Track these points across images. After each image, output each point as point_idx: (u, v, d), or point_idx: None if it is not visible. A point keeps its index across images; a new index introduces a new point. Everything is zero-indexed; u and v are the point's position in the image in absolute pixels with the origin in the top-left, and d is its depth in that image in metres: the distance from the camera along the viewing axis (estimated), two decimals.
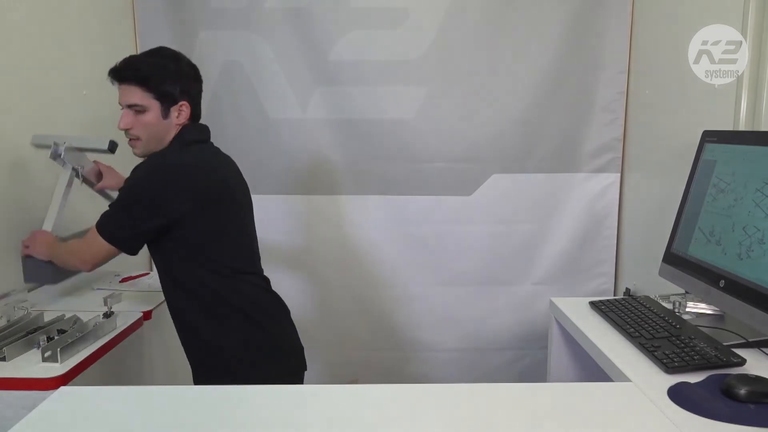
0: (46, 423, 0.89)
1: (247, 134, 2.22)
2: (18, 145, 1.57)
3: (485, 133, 2.24)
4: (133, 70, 1.34)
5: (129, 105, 1.34)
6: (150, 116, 1.34)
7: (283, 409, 0.94)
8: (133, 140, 1.37)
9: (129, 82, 1.33)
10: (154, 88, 1.34)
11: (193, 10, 2.16)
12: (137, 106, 1.34)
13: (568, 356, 1.59)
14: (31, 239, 1.48)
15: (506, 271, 2.33)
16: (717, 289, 1.27)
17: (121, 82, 1.34)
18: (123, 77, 1.34)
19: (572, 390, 1.06)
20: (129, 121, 1.34)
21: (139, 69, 1.35)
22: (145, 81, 1.33)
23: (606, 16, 2.16)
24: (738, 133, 1.51)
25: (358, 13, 2.16)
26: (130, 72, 1.34)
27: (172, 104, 1.36)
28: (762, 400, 0.95)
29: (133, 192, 1.32)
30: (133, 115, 1.34)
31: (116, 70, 1.34)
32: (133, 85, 1.33)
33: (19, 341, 1.20)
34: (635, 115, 2.19)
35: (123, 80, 1.34)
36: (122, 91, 1.35)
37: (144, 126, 1.35)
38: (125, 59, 1.37)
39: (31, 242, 1.47)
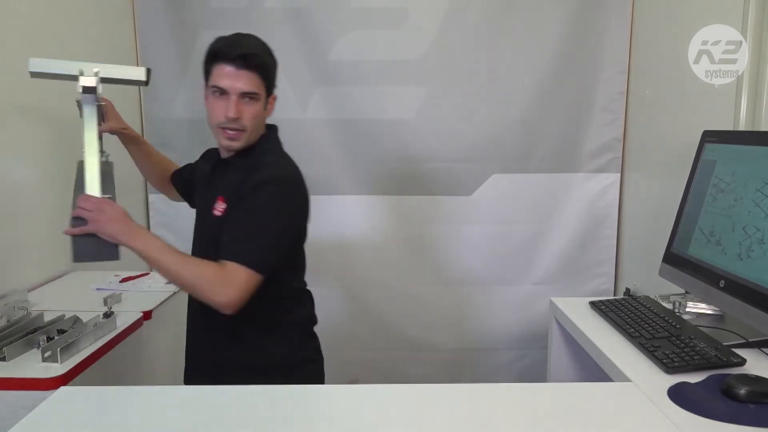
0: (46, 423, 0.89)
1: None
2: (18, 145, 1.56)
3: (485, 133, 2.24)
4: (259, 57, 1.24)
5: (244, 93, 1.22)
6: (259, 106, 1.26)
7: (284, 409, 0.94)
8: (237, 131, 1.24)
9: (252, 69, 1.22)
10: (267, 78, 1.26)
11: (193, 10, 2.16)
12: (253, 95, 1.23)
13: (568, 356, 1.59)
14: (97, 213, 1.18)
15: (506, 271, 2.33)
16: (717, 289, 1.27)
17: (241, 67, 1.21)
18: (249, 64, 1.22)
19: (572, 390, 1.06)
20: (240, 109, 1.22)
21: (262, 56, 1.25)
22: (266, 70, 1.25)
23: (606, 16, 2.16)
24: (738, 133, 1.51)
25: (358, 13, 2.16)
26: (258, 59, 1.24)
27: (269, 95, 1.29)
28: (762, 400, 0.95)
29: (268, 211, 1.21)
30: (243, 104, 1.23)
31: (243, 55, 1.21)
32: (254, 72, 1.22)
33: (19, 341, 1.20)
34: (635, 115, 2.19)
35: (246, 66, 1.21)
36: (237, 76, 1.21)
37: (253, 116, 1.25)
38: (241, 41, 1.25)
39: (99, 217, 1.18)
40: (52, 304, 1.48)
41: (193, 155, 2.24)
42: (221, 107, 1.22)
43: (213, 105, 1.25)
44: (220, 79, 1.22)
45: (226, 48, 1.23)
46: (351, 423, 0.89)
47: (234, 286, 1.14)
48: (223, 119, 1.23)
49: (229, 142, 1.26)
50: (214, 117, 1.25)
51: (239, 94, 1.22)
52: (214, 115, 1.25)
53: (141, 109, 2.23)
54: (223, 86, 1.22)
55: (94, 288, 1.64)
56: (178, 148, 2.25)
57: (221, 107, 1.22)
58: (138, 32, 2.18)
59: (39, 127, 1.65)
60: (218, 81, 1.22)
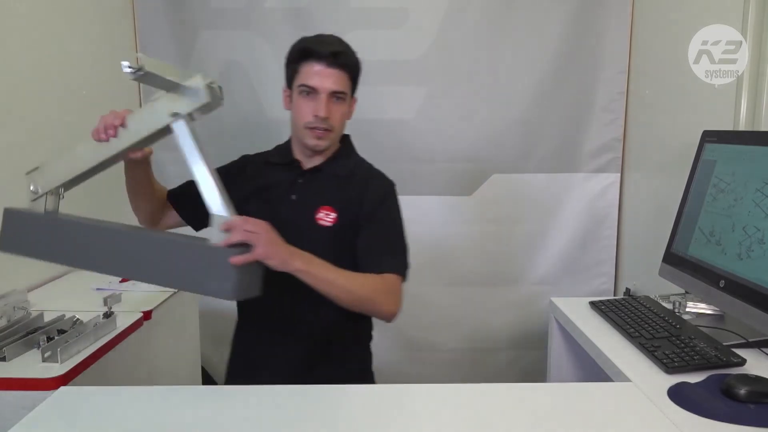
0: (46, 423, 0.89)
1: (246, 134, 2.22)
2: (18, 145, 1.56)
3: (485, 133, 2.24)
4: (351, 58, 1.23)
5: (334, 92, 1.21)
6: (346, 107, 1.25)
7: (284, 408, 0.94)
8: (325, 130, 1.22)
9: (342, 67, 1.21)
10: (354, 78, 1.26)
11: (193, 10, 2.16)
12: (341, 94, 1.22)
13: (567, 356, 1.59)
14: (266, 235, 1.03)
15: (506, 271, 2.33)
16: (717, 289, 1.27)
17: (332, 66, 1.20)
18: (339, 62, 1.20)
19: (572, 390, 1.06)
20: (330, 108, 1.20)
21: (353, 57, 1.24)
22: (355, 69, 1.25)
23: (606, 16, 2.16)
24: (738, 133, 1.51)
25: (358, 13, 2.16)
26: (350, 58, 1.23)
27: (352, 96, 1.28)
28: (762, 400, 0.95)
29: (399, 219, 1.29)
30: (331, 103, 1.21)
31: (334, 53, 1.20)
32: (344, 71, 1.22)
33: (19, 341, 1.20)
34: (635, 115, 2.19)
35: (337, 65, 1.20)
36: (328, 75, 1.20)
37: (341, 116, 1.24)
38: (330, 40, 1.23)
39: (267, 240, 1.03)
40: (52, 304, 1.48)
41: None
42: (309, 106, 1.21)
43: (300, 105, 1.22)
44: (310, 77, 1.20)
45: (317, 46, 1.20)
46: (351, 423, 0.89)
47: (397, 295, 1.20)
48: (311, 119, 1.21)
49: (316, 141, 1.23)
50: (301, 117, 1.23)
51: (329, 93, 1.20)
52: (301, 114, 1.22)
53: None
54: (313, 85, 1.19)
55: (94, 288, 1.64)
56: (177, 148, 2.24)
57: (309, 106, 1.21)
58: (138, 32, 2.18)
59: (39, 127, 1.65)
60: (307, 80, 1.20)
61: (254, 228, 1.02)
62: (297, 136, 1.28)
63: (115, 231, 1.13)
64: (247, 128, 2.22)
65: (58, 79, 1.74)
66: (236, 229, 1.00)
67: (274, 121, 2.23)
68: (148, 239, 1.14)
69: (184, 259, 1.05)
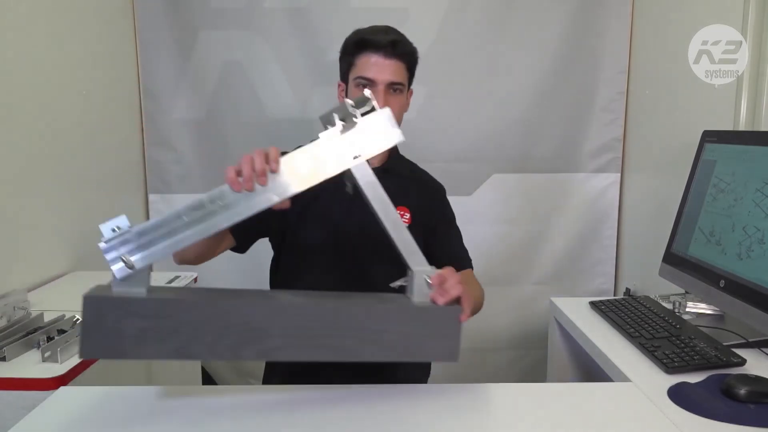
0: (46, 423, 0.89)
1: (246, 134, 2.22)
2: (18, 145, 1.56)
3: (485, 133, 2.24)
4: (409, 46, 1.19)
5: (392, 83, 1.16)
6: (404, 98, 1.21)
7: (284, 408, 0.94)
8: None
9: (400, 57, 1.17)
10: (412, 69, 1.21)
11: (193, 10, 2.16)
12: (399, 85, 1.18)
13: (568, 356, 1.59)
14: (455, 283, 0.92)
15: (506, 271, 2.33)
16: (717, 289, 1.27)
17: (390, 56, 1.15)
18: (398, 51, 1.16)
19: (572, 390, 1.06)
20: (388, 100, 1.15)
21: (411, 46, 1.19)
22: (413, 59, 1.20)
23: (606, 16, 2.16)
24: (738, 133, 1.51)
25: (358, 13, 2.15)
26: (408, 47, 1.19)
27: (409, 88, 1.23)
28: (762, 400, 0.95)
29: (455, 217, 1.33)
30: (390, 95, 1.17)
31: (393, 42, 1.15)
32: (402, 61, 1.17)
33: (19, 341, 1.20)
34: (635, 115, 2.19)
35: (395, 55, 1.16)
36: (386, 65, 1.15)
37: (399, 108, 1.19)
38: (386, 29, 1.20)
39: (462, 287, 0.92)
40: (52, 304, 1.48)
41: (193, 155, 2.27)
42: None
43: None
44: (367, 69, 1.16)
45: (374, 36, 1.16)
46: (350, 422, 0.89)
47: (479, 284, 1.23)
48: None
49: None
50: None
51: (386, 85, 1.16)
52: None
53: (141, 109, 2.23)
54: (370, 76, 1.15)
55: None
56: (177, 148, 2.25)
57: None
58: (138, 32, 2.18)
59: (39, 127, 1.65)
60: (364, 71, 1.16)
61: (459, 277, 0.93)
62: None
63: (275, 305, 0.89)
64: (247, 128, 2.22)
65: (57, 79, 1.74)
66: (451, 283, 0.91)
67: (274, 121, 2.23)
68: (329, 310, 0.89)
69: (395, 325, 0.90)
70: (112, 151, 2.06)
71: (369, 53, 1.16)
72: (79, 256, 1.79)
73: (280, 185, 0.85)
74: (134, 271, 0.82)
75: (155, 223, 0.83)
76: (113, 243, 0.82)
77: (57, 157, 1.73)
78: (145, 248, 0.83)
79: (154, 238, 0.83)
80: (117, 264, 0.82)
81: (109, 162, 2.02)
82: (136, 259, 0.82)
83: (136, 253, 0.82)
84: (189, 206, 0.84)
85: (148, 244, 0.83)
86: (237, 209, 0.85)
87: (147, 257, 0.83)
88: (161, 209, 2.30)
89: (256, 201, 0.85)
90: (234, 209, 0.84)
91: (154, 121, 2.24)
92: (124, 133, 2.16)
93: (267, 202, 0.85)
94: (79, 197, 1.83)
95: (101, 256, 0.83)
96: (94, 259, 1.83)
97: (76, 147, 1.81)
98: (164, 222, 0.83)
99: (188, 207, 0.84)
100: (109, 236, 0.82)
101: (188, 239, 0.84)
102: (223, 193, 0.84)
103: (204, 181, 2.25)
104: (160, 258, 0.84)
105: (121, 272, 0.82)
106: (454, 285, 0.91)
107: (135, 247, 0.82)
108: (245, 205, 0.85)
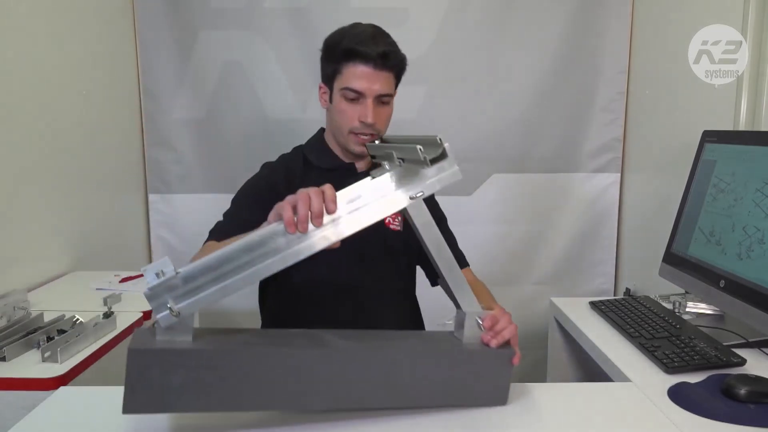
0: (46, 423, 0.89)
1: (246, 134, 2.22)
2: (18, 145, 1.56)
3: (485, 133, 2.24)
4: (399, 56, 1.15)
5: (380, 95, 1.13)
6: (391, 109, 1.18)
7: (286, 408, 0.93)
8: (371, 136, 1.16)
9: (390, 69, 1.14)
10: (399, 78, 1.18)
11: (193, 10, 2.16)
12: (388, 97, 1.15)
13: (568, 356, 1.59)
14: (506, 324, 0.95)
15: (506, 271, 2.33)
16: (717, 289, 1.27)
17: (380, 68, 1.11)
18: (388, 63, 1.12)
19: (572, 390, 1.06)
20: (376, 113, 1.13)
21: (400, 55, 1.15)
22: (402, 68, 1.17)
23: (606, 16, 2.16)
24: (738, 133, 1.51)
25: (358, 13, 2.15)
26: (398, 56, 1.14)
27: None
28: (762, 400, 0.95)
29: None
30: (378, 107, 1.14)
31: (384, 54, 1.11)
32: (391, 72, 1.14)
33: (19, 341, 1.20)
34: (635, 115, 2.19)
35: (385, 66, 1.12)
36: (375, 78, 1.12)
37: (387, 119, 1.17)
38: (376, 38, 1.14)
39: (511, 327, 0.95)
40: (52, 304, 1.48)
41: (193, 155, 2.27)
42: (355, 111, 1.13)
43: (344, 109, 1.14)
44: (355, 80, 1.12)
45: (363, 46, 1.11)
46: (351, 422, 0.89)
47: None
48: (357, 124, 1.14)
49: (362, 148, 1.16)
50: (345, 122, 1.15)
51: (375, 97, 1.13)
52: (345, 119, 1.15)
53: (141, 109, 2.23)
54: (359, 89, 1.12)
55: (94, 288, 1.64)
56: (177, 148, 2.25)
57: (355, 111, 1.13)
58: (138, 32, 2.17)
59: (39, 127, 1.65)
60: (353, 83, 1.12)
61: (509, 317, 0.94)
62: (339, 140, 1.21)
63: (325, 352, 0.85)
64: (247, 128, 2.22)
65: (57, 79, 1.74)
66: (503, 324, 0.92)
67: (274, 121, 2.23)
68: (383, 355, 0.87)
69: (446, 370, 0.89)
70: (112, 151, 2.06)
71: (357, 63, 1.12)
72: (79, 256, 1.79)
73: (336, 225, 0.81)
74: (180, 319, 0.77)
75: (203, 266, 0.78)
76: (158, 290, 0.76)
77: (57, 157, 1.73)
78: (192, 295, 0.77)
79: (202, 284, 0.78)
80: (162, 312, 0.77)
81: (109, 162, 2.02)
82: (182, 306, 0.77)
83: (182, 301, 0.77)
84: (239, 248, 0.78)
85: (196, 291, 0.77)
86: (291, 251, 0.79)
87: (194, 304, 0.78)
88: (161, 209, 2.30)
89: (312, 243, 0.80)
90: (288, 251, 0.79)
91: (154, 121, 2.24)
92: (124, 133, 2.16)
93: (323, 242, 0.80)
94: (79, 197, 1.83)
95: (101, 256, 0.83)
96: (94, 259, 1.85)
97: (76, 147, 1.81)
98: (212, 265, 0.78)
99: (238, 249, 0.78)
100: (154, 282, 0.75)
101: (238, 285, 0.79)
102: (276, 233, 0.79)
103: (204, 181, 2.25)
104: (207, 305, 0.79)
105: (167, 320, 0.77)
106: (505, 326, 0.91)
107: (181, 293, 0.77)
108: (300, 247, 0.80)
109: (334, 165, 1.22)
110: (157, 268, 0.75)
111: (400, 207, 0.85)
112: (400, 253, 1.21)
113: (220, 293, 0.78)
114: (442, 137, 0.84)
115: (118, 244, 2.07)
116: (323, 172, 1.21)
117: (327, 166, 1.22)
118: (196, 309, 0.78)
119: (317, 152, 1.25)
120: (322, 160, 1.24)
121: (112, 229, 2.03)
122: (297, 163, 1.24)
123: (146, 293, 0.75)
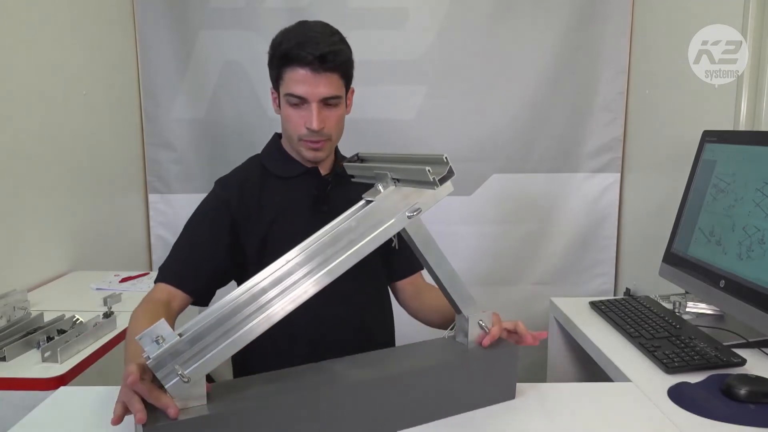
0: (46, 423, 0.89)
1: (246, 134, 2.22)
2: (18, 146, 1.56)
3: (485, 133, 2.24)
4: (340, 56, 1.08)
5: (326, 98, 1.08)
6: (342, 109, 1.12)
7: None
8: (322, 141, 1.11)
9: (333, 70, 1.07)
10: (348, 75, 1.12)
11: (193, 10, 2.16)
12: (336, 99, 1.09)
13: (568, 356, 1.59)
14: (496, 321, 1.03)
15: (506, 271, 2.33)
16: (717, 289, 1.27)
17: (319, 70, 1.05)
18: (328, 65, 1.06)
19: (572, 390, 1.06)
20: (323, 117, 1.08)
21: (343, 54, 1.09)
22: (347, 66, 1.11)
23: (606, 16, 2.16)
24: (738, 133, 1.51)
25: (358, 13, 2.15)
26: (339, 59, 1.07)
27: (347, 93, 1.15)
28: (762, 400, 0.95)
29: None
30: (324, 110, 1.09)
31: (321, 56, 1.04)
32: (335, 73, 1.08)
33: (19, 341, 1.20)
34: (635, 115, 2.19)
35: (326, 69, 1.06)
36: (316, 81, 1.06)
37: (337, 122, 1.11)
38: (316, 37, 1.08)
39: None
40: (52, 304, 1.48)
41: (193, 155, 2.27)
42: (300, 117, 1.09)
43: (289, 115, 1.10)
44: (296, 86, 1.07)
45: (299, 49, 1.06)
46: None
47: None
48: (304, 131, 1.09)
49: (314, 153, 1.12)
50: (292, 128, 1.11)
51: (319, 101, 1.08)
52: (292, 126, 1.11)
53: (141, 109, 2.23)
54: (300, 94, 1.07)
55: (94, 288, 1.64)
56: (177, 148, 2.25)
57: (300, 117, 1.09)
58: (138, 32, 2.18)
59: (39, 127, 1.65)
60: (294, 88, 1.07)
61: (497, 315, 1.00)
62: (293, 146, 1.17)
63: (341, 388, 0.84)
64: (247, 128, 2.22)
65: (58, 80, 1.74)
66: (496, 322, 1.00)
67: (274, 121, 2.21)
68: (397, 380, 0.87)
69: (460, 380, 0.91)
70: (112, 151, 2.06)
71: (296, 67, 1.06)
72: (79, 256, 1.79)
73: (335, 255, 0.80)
74: (191, 382, 0.72)
75: (209, 324, 0.73)
76: (162, 357, 0.70)
77: (57, 157, 1.73)
78: (201, 356, 0.72)
79: (210, 343, 0.73)
80: (172, 380, 0.71)
81: (109, 162, 2.03)
82: (192, 371, 0.71)
83: (191, 364, 0.72)
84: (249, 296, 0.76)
85: (204, 351, 0.72)
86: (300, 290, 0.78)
87: (205, 365, 0.73)
88: (161, 209, 2.30)
89: (317, 279, 0.78)
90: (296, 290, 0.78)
91: (154, 121, 2.24)
92: (124, 133, 2.16)
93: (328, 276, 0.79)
94: (79, 197, 1.83)
95: (101, 256, 0.83)
96: (94, 259, 1.85)
97: (76, 147, 1.81)
98: (219, 320, 0.74)
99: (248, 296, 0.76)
100: (154, 350, 0.70)
101: (250, 335, 0.75)
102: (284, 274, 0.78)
103: (204, 181, 2.25)
104: (219, 363, 0.74)
105: (177, 389, 0.71)
106: (497, 324, 0.99)
107: (189, 357, 0.71)
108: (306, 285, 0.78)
109: (295, 172, 1.18)
110: (154, 333, 0.70)
111: (399, 228, 0.84)
112: (376, 258, 1.11)
113: (232, 347, 0.74)
114: (447, 156, 0.83)
115: (118, 244, 2.07)
116: (285, 180, 1.18)
117: (287, 175, 1.18)
118: (209, 369, 0.74)
119: (275, 161, 1.20)
120: (281, 169, 1.19)
121: (112, 229, 2.03)
122: (253, 173, 1.20)
123: (151, 364, 0.70)
